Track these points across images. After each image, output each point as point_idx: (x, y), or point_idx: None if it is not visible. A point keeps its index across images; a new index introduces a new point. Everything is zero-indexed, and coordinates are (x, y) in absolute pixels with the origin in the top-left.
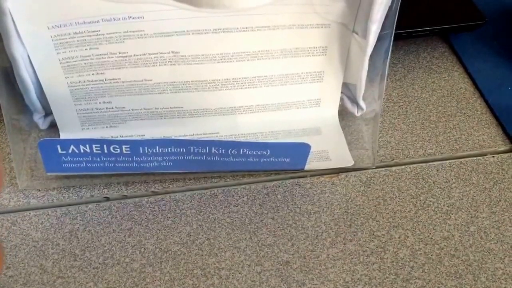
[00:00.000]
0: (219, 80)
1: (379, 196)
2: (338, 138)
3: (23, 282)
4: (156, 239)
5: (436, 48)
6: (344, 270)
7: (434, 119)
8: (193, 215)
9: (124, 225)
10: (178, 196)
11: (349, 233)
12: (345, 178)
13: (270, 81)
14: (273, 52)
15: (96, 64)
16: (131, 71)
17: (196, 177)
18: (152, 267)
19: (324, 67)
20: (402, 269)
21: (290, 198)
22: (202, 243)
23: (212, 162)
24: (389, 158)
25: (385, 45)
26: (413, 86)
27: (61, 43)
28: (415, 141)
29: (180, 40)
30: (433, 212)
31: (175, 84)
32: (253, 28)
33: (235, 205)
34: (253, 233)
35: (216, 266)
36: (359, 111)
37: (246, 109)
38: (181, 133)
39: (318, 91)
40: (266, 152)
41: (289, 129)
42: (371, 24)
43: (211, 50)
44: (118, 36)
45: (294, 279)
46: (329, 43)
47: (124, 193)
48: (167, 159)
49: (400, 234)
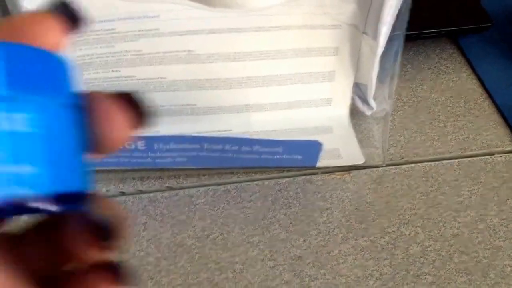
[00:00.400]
0: (233, 78)
1: (390, 193)
2: (349, 137)
3: None
4: (171, 233)
5: (445, 50)
6: (355, 266)
7: (443, 119)
8: (207, 210)
9: (139, 220)
10: (192, 192)
11: (360, 230)
12: (356, 175)
13: (282, 80)
14: (285, 52)
15: (112, 62)
16: (146, 68)
17: (210, 173)
18: (167, 260)
19: (335, 67)
20: (413, 265)
21: (302, 195)
22: (216, 237)
23: (226, 159)
24: (399, 157)
25: (395, 46)
26: (422, 86)
27: (77, 40)
28: (424, 140)
29: (195, 39)
30: (443, 210)
31: (189, 82)
32: (266, 28)
33: (248, 201)
34: (266, 229)
35: (230, 260)
36: (370, 110)
37: (259, 107)
38: (195, 130)
39: (329, 90)
40: (278, 149)
41: (301, 127)
42: (381, 26)
43: (225, 49)
44: (133, 35)
45: (306, 273)
46: (340, 43)
47: (139, 188)
48: (182, 155)
49: (411, 231)
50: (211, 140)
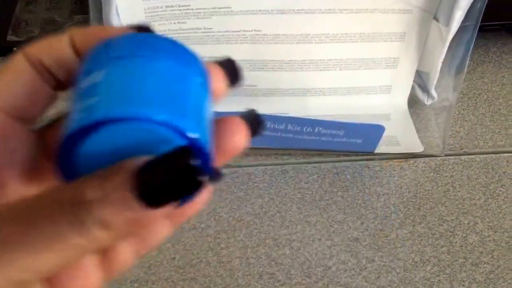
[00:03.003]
0: (296, 61)
1: (448, 182)
2: (407, 125)
3: None
4: (229, 208)
5: (506, 44)
6: (413, 251)
7: (504, 112)
8: (265, 189)
9: None
10: (250, 170)
11: (418, 216)
12: (413, 163)
13: (345, 64)
14: (352, 36)
15: (182, 39)
16: (213, 47)
17: (267, 153)
18: (226, 233)
19: (400, 53)
20: (471, 254)
21: (359, 179)
22: (274, 215)
23: (286, 139)
24: (458, 147)
25: (467, 36)
26: (483, 79)
27: (152, 15)
28: (484, 132)
29: (264, 19)
30: (503, 202)
31: (252, 62)
32: (336, 10)
33: (305, 182)
34: (323, 210)
35: (287, 237)
36: (430, 100)
37: (318, 91)
38: None
39: (390, 77)
40: (340, 132)
41: (358, 114)
42: (456, 10)
43: (292, 31)
44: (206, 12)
45: (363, 255)
46: (408, 29)
47: None
48: None
49: (469, 220)
50: (274, 118)
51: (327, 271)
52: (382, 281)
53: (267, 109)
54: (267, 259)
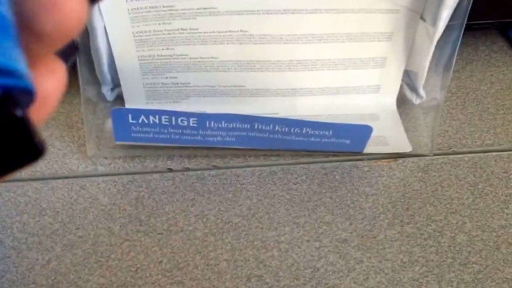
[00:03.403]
0: (283, 61)
1: (437, 182)
2: (395, 125)
3: (92, 242)
4: (217, 210)
5: (495, 42)
6: (401, 251)
7: (492, 111)
8: (253, 190)
9: (187, 196)
10: (239, 172)
11: (407, 216)
12: (402, 163)
13: (333, 64)
14: (339, 36)
15: (167, 39)
16: (200, 48)
17: (256, 154)
18: (214, 236)
19: (387, 53)
20: (460, 254)
21: (348, 179)
22: (262, 217)
23: (274, 140)
24: (446, 147)
25: (454, 35)
26: (472, 78)
27: (136, 16)
28: (473, 131)
29: (250, 19)
30: (491, 201)
31: (240, 63)
32: (322, 11)
33: (294, 183)
34: (311, 211)
35: (275, 239)
36: (418, 99)
37: (306, 91)
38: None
39: (379, 77)
40: (328, 133)
41: (347, 113)
42: (443, 9)
43: (278, 31)
44: (191, 12)
45: (352, 256)
46: (396, 28)
47: (186, 165)
48: (231, 134)
49: (458, 220)
50: (262, 120)
51: (316, 273)
52: (370, 282)
53: (256, 109)
54: (255, 261)
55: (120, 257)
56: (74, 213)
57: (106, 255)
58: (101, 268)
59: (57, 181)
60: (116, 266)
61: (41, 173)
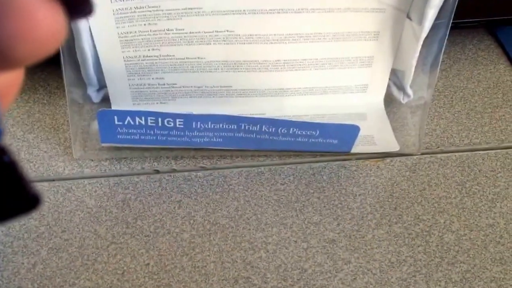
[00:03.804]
0: (270, 61)
1: (424, 181)
2: (383, 124)
3: (78, 245)
4: (205, 212)
5: (482, 41)
6: (389, 251)
7: (479, 109)
8: (241, 191)
9: (174, 197)
10: (226, 172)
11: (394, 216)
12: (390, 162)
13: (320, 64)
14: (325, 35)
15: (153, 40)
16: (186, 48)
17: (243, 155)
18: (201, 238)
19: (374, 52)
20: (447, 253)
21: (336, 180)
22: (250, 218)
23: (261, 140)
24: (434, 146)
25: (440, 34)
26: (459, 76)
27: (121, 17)
28: (460, 130)
29: (236, 19)
30: (479, 200)
31: (227, 63)
32: (308, 10)
33: (281, 184)
34: (299, 211)
35: (263, 240)
36: (406, 98)
37: (294, 91)
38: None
39: (366, 76)
40: (315, 133)
41: (335, 113)
42: (428, 8)
43: (264, 31)
44: (176, 13)
45: (339, 257)
46: (382, 28)
47: (173, 167)
48: (218, 135)
49: (446, 219)
50: (249, 120)
51: (303, 273)
52: (358, 282)
53: (243, 110)
54: (242, 263)
55: (106, 260)
56: (60, 216)
57: (92, 258)
58: (87, 271)
59: (43, 184)
60: (102, 269)
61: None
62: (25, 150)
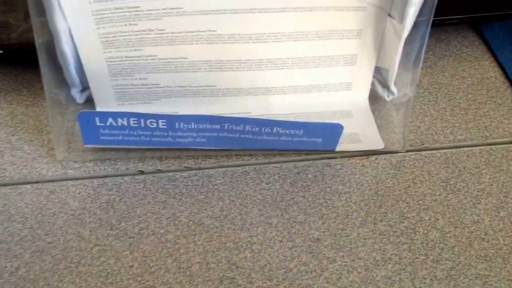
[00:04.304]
0: (253, 60)
1: (409, 179)
2: (368, 122)
3: (62, 248)
4: (189, 212)
5: (466, 37)
6: (374, 249)
7: (464, 106)
8: (226, 191)
9: (158, 198)
10: (211, 172)
11: (379, 214)
12: (375, 160)
13: (304, 63)
14: (308, 34)
15: (134, 40)
16: (168, 48)
17: (228, 154)
18: (186, 238)
19: (357, 50)
20: (432, 250)
21: (321, 178)
22: (235, 218)
23: (245, 140)
24: (419, 143)
25: (421, 31)
26: (443, 73)
27: (101, 18)
28: (445, 127)
29: (218, 19)
30: (463, 197)
31: (210, 62)
32: (290, 9)
33: (266, 183)
34: (284, 210)
35: (248, 240)
36: (390, 95)
37: (278, 90)
38: (214, 111)
39: (350, 74)
40: (299, 132)
41: (320, 111)
42: (409, 7)
43: (247, 30)
44: (157, 13)
45: (325, 255)
46: (364, 26)
47: (158, 167)
48: (202, 135)
49: (430, 216)
50: (232, 120)
51: (288, 273)
52: (343, 281)
53: (228, 109)
54: (227, 263)
55: (90, 262)
56: (44, 219)
57: (76, 261)
58: (71, 274)
59: (26, 186)
60: (86, 271)
61: (9, 178)
62: (9, 152)
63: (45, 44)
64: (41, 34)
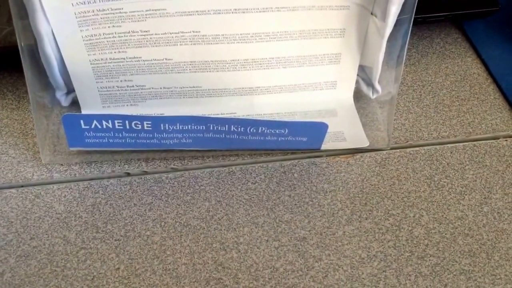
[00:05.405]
0: (238, 61)
1: (394, 176)
2: (353, 120)
3: (47, 252)
4: (176, 213)
5: (450, 34)
6: (360, 247)
7: (447, 103)
8: (212, 191)
9: (144, 200)
10: (197, 173)
11: (365, 212)
12: (360, 158)
13: (288, 62)
14: (292, 33)
15: (118, 42)
16: (152, 50)
17: (214, 155)
18: (172, 240)
19: (341, 49)
20: (417, 247)
21: (307, 177)
22: (221, 218)
23: (231, 140)
24: (403, 140)
25: (403, 29)
26: (427, 71)
27: (84, 20)
28: (429, 124)
29: (201, 19)
30: (447, 193)
31: (194, 63)
32: (273, 9)
33: (252, 183)
34: (270, 210)
35: (234, 240)
36: (374, 93)
37: (263, 89)
38: (199, 112)
39: (334, 73)
40: (284, 131)
41: (305, 110)
42: (391, 5)
43: (230, 30)
44: (140, 15)
45: (311, 254)
46: (348, 25)
47: (144, 169)
48: (187, 136)
49: (415, 213)
50: (217, 120)
51: (275, 273)
52: (329, 280)
53: (214, 110)
54: (214, 264)
55: (76, 266)
56: (29, 223)
57: (62, 265)
58: (57, 278)
59: (11, 190)
60: (72, 275)
61: None
62: None
63: (28, 47)
64: (24, 37)
